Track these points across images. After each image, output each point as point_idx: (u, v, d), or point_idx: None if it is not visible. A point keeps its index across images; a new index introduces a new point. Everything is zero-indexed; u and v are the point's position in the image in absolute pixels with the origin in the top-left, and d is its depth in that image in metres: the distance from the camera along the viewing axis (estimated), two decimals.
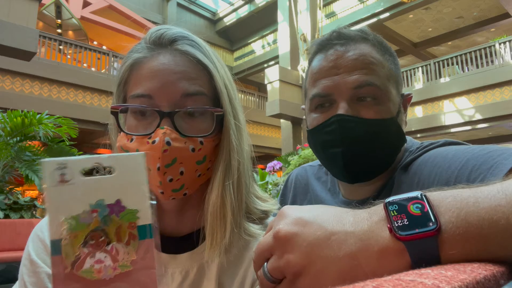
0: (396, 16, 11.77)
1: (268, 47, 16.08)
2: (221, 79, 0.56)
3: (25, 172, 4.03)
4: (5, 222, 4.13)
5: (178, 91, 0.53)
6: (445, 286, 0.22)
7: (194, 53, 0.55)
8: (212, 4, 16.88)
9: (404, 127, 0.74)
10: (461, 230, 0.30)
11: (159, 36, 0.57)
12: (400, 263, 0.31)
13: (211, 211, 0.55)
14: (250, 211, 0.61)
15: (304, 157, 4.65)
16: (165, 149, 0.51)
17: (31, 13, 5.60)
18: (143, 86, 0.54)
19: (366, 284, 0.22)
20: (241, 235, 0.57)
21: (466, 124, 10.44)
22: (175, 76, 0.53)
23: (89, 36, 12.19)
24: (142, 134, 0.53)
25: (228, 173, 0.55)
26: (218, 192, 0.55)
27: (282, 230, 0.36)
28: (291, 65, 10.35)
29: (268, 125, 13.25)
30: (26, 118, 4.03)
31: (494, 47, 10.21)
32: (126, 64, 0.57)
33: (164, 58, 0.55)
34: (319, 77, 0.71)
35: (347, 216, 0.36)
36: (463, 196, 0.32)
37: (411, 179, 0.67)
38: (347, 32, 0.73)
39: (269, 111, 9.78)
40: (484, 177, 0.53)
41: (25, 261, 0.57)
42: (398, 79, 0.73)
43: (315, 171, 0.92)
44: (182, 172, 0.53)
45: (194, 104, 0.54)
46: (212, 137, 0.55)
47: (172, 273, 0.58)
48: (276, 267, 0.36)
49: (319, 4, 9.88)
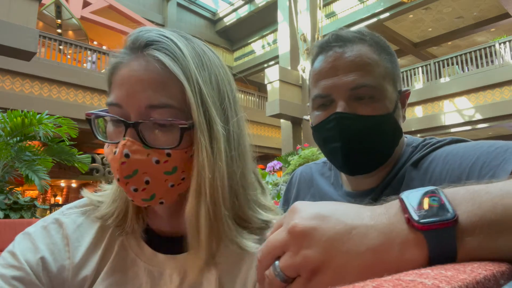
0: (396, 16, 11.78)
1: (268, 47, 16.08)
2: (193, 89, 0.51)
3: (25, 172, 4.03)
4: (5, 222, 4.13)
5: (143, 102, 0.50)
6: (445, 286, 0.22)
7: (164, 60, 0.51)
8: (212, 4, 16.88)
9: (401, 122, 0.78)
10: (477, 217, 0.30)
11: (133, 41, 0.54)
12: (420, 256, 0.30)
13: (187, 228, 0.53)
14: (248, 221, 0.59)
15: (304, 157, 4.65)
16: (123, 161, 0.50)
17: (31, 13, 5.60)
18: (114, 94, 0.52)
19: (366, 284, 0.22)
20: (231, 248, 0.56)
21: (466, 124, 10.45)
22: (141, 85, 0.51)
23: (89, 36, 12.19)
24: (112, 142, 0.53)
25: (199, 191, 0.52)
26: (191, 211, 0.52)
27: (299, 224, 0.34)
28: (291, 65, 10.35)
29: (268, 125, 13.25)
30: (26, 118, 4.03)
31: (494, 47, 10.22)
32: (108, 69, 0.56)
33: (136, 65, 0.52)
34: (319, 78, 0.77)
35: (364, 210, 0.35)
36: (475, 189, 0.33)
37: (422, 176, 0.71)
38: (344, 34, 0.78)
39: (269, 111, 9.78)
40: (494, 173, 0.56)
41: (5, 253, 0.55)
42: (394, 77, 0.77)
43: (320, 168, 0.97)
44: (147, 181, 0.51)
45: (159, 116, 0.51)
46: (182, 148, 0.52)
47: (170, 274, 0.57)
48: (291, 265, 0.34)
49: (319, 4, 9.88)
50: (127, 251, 0.59)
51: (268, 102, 9.89)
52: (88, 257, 0.57)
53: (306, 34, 9.94)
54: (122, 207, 0.59)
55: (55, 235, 0.58)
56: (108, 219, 0.59)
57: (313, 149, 4.79)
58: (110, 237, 0.60)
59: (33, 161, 4.26)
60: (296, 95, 9.98)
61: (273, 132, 13.58)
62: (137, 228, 0.60)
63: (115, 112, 0.52)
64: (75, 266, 0.56)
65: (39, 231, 0.58)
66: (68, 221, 0.60)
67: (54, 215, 0.61)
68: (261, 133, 13.22)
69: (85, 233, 0.59)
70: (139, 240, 0.60)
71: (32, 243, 0.56)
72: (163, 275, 0.57)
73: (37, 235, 0.57)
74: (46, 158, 4.47)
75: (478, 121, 10.19)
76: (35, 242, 0.56)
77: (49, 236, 0.57)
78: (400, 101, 0.78)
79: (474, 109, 10.18)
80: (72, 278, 0.55)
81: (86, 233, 0.59)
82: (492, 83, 9.89)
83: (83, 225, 0.60)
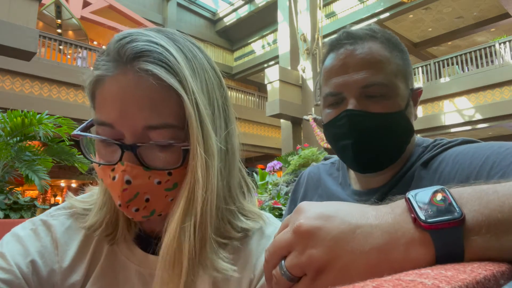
0: (396, 16, 11.78)
1: (268, 47, 16.08)
2: (192, 101, 0.47)
3: (25, 172, 4.03)
4: (5, 222, 4.13)
5: (140, 123, 0.46)
6: (445, 286, 0.22)
7: (159, 74, 0.45)
8: (212, 4, 16.88)
9: (413, 120, 0.78)
10: (484, 217, 0.30)
11: (118, 51, 0.47)
12: (426, 256, 0.30)
13: (163, 256, 0.47)
14: (226, 234, 0.55)
15: (304, 157, 4.65)
16: (125, 188, 0.47)
17: (31, 13, 5.60)
18: (104, 113, 0.47)
19: (366, 284, 0.22)
20: (207, 272, 0.50)
21: (466, 124, 10.45)
22: (136, 105, 0.46)
23: (89, 36, 12.19)
24: (106, 164, 0.49)
25: (189, 212, 0.48)
26: (174, 236, 0.47)
27: (304, 224, 0.35)
28: (291, 65, 10.35)
29: (268, 125, 13.24)
30: (26, 118, 4.03)
31: (494, 47, 10.21)
32: (89, 82, 0.50)
33: (125, 80, 0.46)
34: (330, 76, 0.76)
35: (369, 210, 0.35)
36: (482, 188, 0.33)
37: (432, 176, 0.70)
38: (355, 31, 0.77)
39: (269, 111, 9.78)
40: (504, 173, 0.56)
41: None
42: (406, 74, 0.76)
43: (328, 168, 0.96)
44: (148, 199, 0.49)
45: (158, 137, 0.47)
46: (183, 165, 0.49)
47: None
48: (297, 264, 0.34)
49: (319, 4, 9.88)
50: (116, 254, 0.57)
51: (268, 102, 9.89)
52: (77, 262, 0.55)
53: (306, 34, 9.94)
54: (111, 215, 0.56)
55: (45, 237, 0.55)
56: (96, 230, 0.56)
57: (313, 149, 4.79)
58: (98, 240, 0.58)
59: (33, 161, 4.26)
60: (296, 95, 9.98)
61: (273, 132, 13.57)
62: (129, 236, 0.58)
63: (106, 133, 0.48)
64: (64, 271, 0.54)
65: (28, 233, 0.55)
66: (56, 223, 0.58)
67: (42, 217, 0.59)
68: (261, 133, 13.21)
69: (73, 236, 0.57)
70: (129, 243, 0.58)
71: (22, 246, 0.53)
72: (154, 276, 0.55)
73: (27, 238, 0.54)
74: (46, 158, 4.47)
75: (478, 121, 10.19)
76: (25, 245, 0.53)
77: (39, 239, 0.55)
78: (412, 99, 0.78)
79: (474, 109, 10.18)
80: (62, 283, 0.53)
81: (74, 236, 0.57)
82: (492, 83, 9.89)
83: (71, 228, 0.58)
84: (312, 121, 5.89)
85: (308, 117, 6.14)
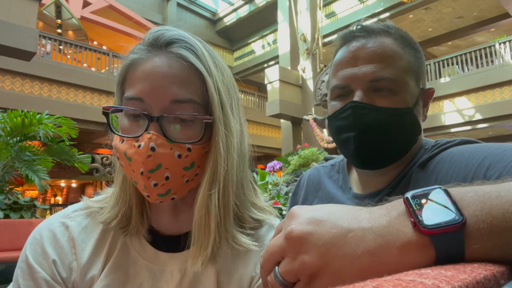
0: (396, 16, 11.77)
1: (268, 47, 16.08)
2: (214, 85, 0.54)
3: (25, 172, 4.03)
4: (5, 222, 4.13)
5: (168, 97, 0.52)
6: (445, 286, 0.22)
7: (188, 57, 0.54)
8: (212, 4, 16.88)
9: (421, 120, 0.76)
10: (486, 224, 0.30)
11: (156, 38, 0.55)
12: (424, 259, 0.30)
13: (196, 220, 0.55)
14: (243, 219, 0.61)
15: (304, 157, 4.65)
16: (149, 155, 0.51)
17: (31, 13, 5.60)
18: (135, 89, 0.53)
19: (366, 284, 0.22)
20: (230, 243, 0.57)
21: (466, 124, 10.44)
22: (166, 80, 0.52)
23: (89, 36, 12.19)
24: (131, 136, 0.53)
25: (214, 181, 0.54)
26: (203, 202, 0.54)
27: (295, 230, 0.34)
28: (291, 65, 10.35)
29: (268, 125, 13.25)
30: (26, 118, 4.03)
31: (494, 47, 10.21)
32: (124, 65, 0.57)
33: (158, 61, 0.54)
34: (339, 68, 0.74)
35: (362, 212, 0.35)
36: (485, 190, 0.32)
37: (428, 177, 0.69)
38: (369, 25, 0.76)
39: (269, 111, 9.78)
40: (500, 175, 0.54)
41: (21, 263, 0.57)
42: (418, 72, 0.75)
43: (328, 171, 0.95)
44: (167, 177, 0.53)
45: (183, 110, 0.53)
46: (201, 143, 0.55)
47: (171, 271, 0.59)
48: (290, 270, 0.34)
49: (319, 4, 9.88)
50: (129, 250, 0.61)
51: (268, 102, 9.90)
52: (95, 257, 0.59)
53: (306, 34, 9.94)
54: (126, 210, 0.60)
55: (61, 238, 0.59)
56: (111, 222, 0.59)
57: (313, 149, 4.79)
58: (114, 235, 0.61)
59: (33, 161, 4.26)
60: (296, 95, 9.98)
61: (273, 132, 13.58)
62: (141, 229, 0.61)
63: (136, 106, 0.53)
64: (83, 267, 0.57)
65: (46, 235, 0.59)
66: (73, 224, 0.61)
67: (60, 219, 0.62)
68: (261, 133, 13.22)
69: (90, 234, 0.61)
70: (141, 239, 0.62)
71: (41, 248, 0.57)
72: (164, 273, 0.59)
73: (46, 239, 0.58)
74: (46, 158, 4.47)
75: (478, 121, 10.19)
76: (43, 247, 0.57)
77: (56, 240, 0.58)
78: (422, 99, 0.76)
79: (474, 109, 10.18)
80: (81, 279, 0.57)
81: (91, 233, 0.61)
82: (492, 83, 9.89)
83: (88, 227, 0.61)
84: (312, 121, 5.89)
85: (308, 117, 6.14)
